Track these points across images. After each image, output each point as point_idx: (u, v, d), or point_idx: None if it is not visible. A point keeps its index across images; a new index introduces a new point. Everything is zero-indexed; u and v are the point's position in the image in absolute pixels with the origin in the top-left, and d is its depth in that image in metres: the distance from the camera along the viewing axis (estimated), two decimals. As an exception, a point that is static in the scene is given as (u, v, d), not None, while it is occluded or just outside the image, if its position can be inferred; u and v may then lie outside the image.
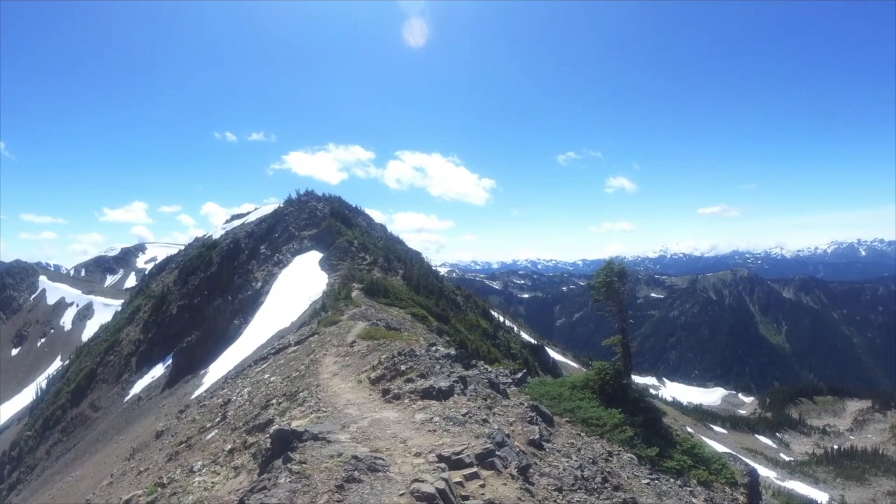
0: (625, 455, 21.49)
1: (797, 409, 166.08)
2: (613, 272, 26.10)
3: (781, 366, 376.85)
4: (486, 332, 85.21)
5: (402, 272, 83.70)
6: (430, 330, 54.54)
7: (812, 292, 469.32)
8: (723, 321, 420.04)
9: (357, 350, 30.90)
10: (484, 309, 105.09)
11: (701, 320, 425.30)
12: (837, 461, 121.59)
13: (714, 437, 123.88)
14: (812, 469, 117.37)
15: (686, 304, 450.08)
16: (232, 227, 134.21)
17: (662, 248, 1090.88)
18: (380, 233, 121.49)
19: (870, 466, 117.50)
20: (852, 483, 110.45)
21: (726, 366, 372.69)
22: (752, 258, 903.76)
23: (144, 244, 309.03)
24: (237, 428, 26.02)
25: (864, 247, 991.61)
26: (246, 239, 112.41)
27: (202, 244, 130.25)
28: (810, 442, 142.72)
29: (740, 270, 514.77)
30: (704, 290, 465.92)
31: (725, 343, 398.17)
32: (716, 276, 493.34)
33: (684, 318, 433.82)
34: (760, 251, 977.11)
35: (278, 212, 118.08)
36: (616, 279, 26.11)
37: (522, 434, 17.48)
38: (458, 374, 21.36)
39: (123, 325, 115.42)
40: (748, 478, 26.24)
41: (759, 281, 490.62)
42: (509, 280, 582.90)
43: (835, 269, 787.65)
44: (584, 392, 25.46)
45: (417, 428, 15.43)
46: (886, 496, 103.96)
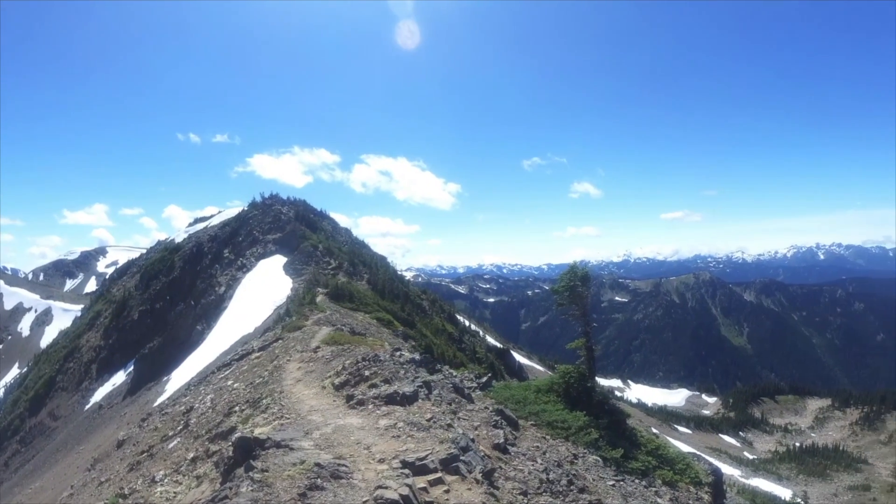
0: (590, 457, 21.55)
1: (759, 408, 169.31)
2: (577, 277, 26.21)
3: (744, 367, 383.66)
4: (452, 336, 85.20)
5: (368, 277, 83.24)
6: (395, 335, 54.36)
7: (773, 295, 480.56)
8: (686, 324, 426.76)
9: (321, 356, 30.61)
10: (450, 313, 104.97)
11: (664, 323, 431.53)
12: (800, 458, 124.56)
13: (679, 437, 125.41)
14: (775, 466, 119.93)
15: (650, 308, 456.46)
16: (195, 230, 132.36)
17: (626, 253, 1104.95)
18: (345, 237, 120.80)
19: (831, 462, 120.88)
20: (815, 479, 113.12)
21: (690, 367, 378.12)
22: (714, 262, 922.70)
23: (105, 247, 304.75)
24: (200, 436, 25.67)
25: (822, 251, 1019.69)
26: (209, 243, 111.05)
27: (164, 248, 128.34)
28: (773, 440, 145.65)
29: (703, 274, 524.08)
30: (668, 294, 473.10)
31: (689, 345, 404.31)
32: (679, 280, 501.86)
33: (648, 321, 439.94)
34: (722, 255, 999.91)
35: (242, 215, 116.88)
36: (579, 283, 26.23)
37: (487, 438, 17.43)
38: (423, 378, 21.22)
39: (83, 330, 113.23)
40: (712, 477, 26.52)
41: (720, 284, 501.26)
42: (475, 284, 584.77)
43: (794, 272, 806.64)
44: (548, 395, 25.52)
45: (381, 434, 15.29)
46: (848, 491, 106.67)
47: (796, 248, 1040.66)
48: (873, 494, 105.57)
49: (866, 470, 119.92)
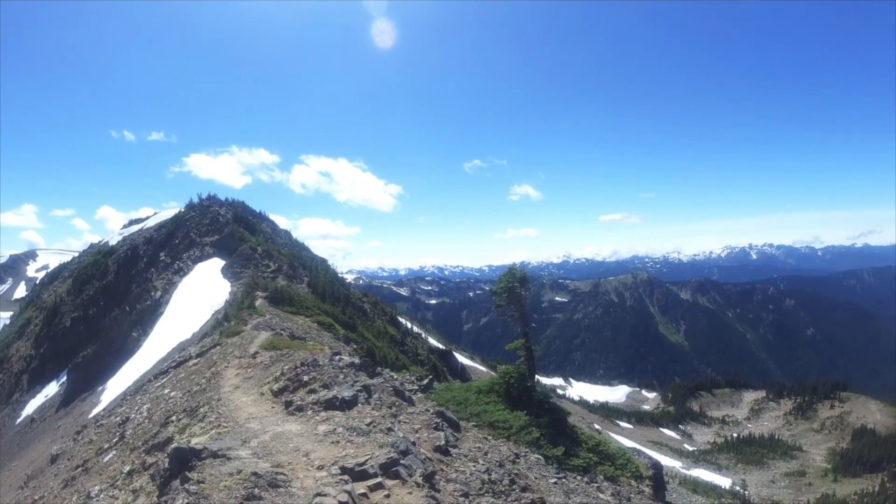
0: (532, 456, 21.70)
1: (698, 402, 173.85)
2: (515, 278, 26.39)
3: (681, 362, 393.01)
4: (394, 338, 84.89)
5: (308, 280, 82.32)
6: (336, 338, 53.94)
7: (708, 293, 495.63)
8: (625, 322, 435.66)
9: (260, 361, 30.15)
10: (391, 316, 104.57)
11: (604, 322, 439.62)
12: (737, 448, 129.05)
13: (621, 432, 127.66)
14: (714, 457, 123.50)
15: (589, 307, 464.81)
16: (130, 232, 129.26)
17: (566, 254, 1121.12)
18: (284, 239, 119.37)
19: (767, 451, 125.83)
20: (752, 467, 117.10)
21: (629, 364, 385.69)
22: (651, 262, 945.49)
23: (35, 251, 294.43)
24: (136, 448, 25.07)
25: (755, 251, 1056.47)
26: (145, 245, 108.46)
27: (98, 251, 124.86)
28: (711, 432, 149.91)
29: (640, 274, 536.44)
30: (607, 293, 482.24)
31: (628, 343, 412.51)
32: (617, 280, 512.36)
33: (588, 320, 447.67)
34: (659, 256, 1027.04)
35: (179, 217, 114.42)
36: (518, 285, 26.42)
37: (428, 441, 17.36)
38: (363, 382, 21.03)
39: (13, 339, 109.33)
40: (652, 470, 27.04)
41: (658, 284, 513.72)
42: (417, 286, 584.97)
43: (728, 271, 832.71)
44: (489, 396, 25.64)
45: (320, 440, 15.09)
46: (784, 477, 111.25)
47: (730, 248, 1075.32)
48: (808, 479, 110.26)
49: (801, 457, 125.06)
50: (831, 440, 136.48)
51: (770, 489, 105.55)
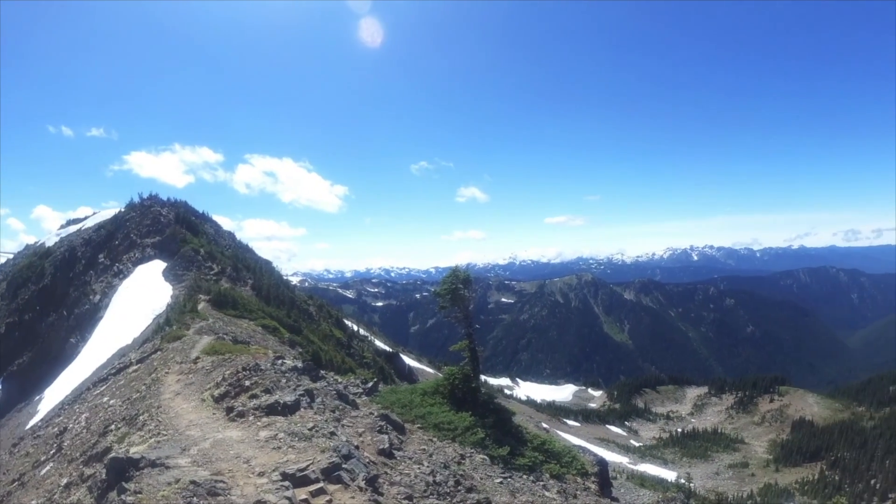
0: (477, 456, 21.73)
1: (642, 398, 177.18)
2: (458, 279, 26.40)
3: (626, 361, 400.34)
4: (341, 341, 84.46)
5: (252, 282, 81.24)
6: (282, 342, 53.39)
7: (651, 293, 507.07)
8: (570, 322, 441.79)
9: (201, 366, 29.60)
10: (337, 318, 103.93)
11: (550, 322, 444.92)
12: (682, 442, 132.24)
13: (568, 430, 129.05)
14: (660, 451, 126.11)
15: (535, 308, 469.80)
16: (67, 233, 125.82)
17: (512, 256, 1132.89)
18: (228, 241, 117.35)
19: (711, 444, 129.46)
20: (697, 460, 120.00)
21: (575, 363, 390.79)
22: (595, 264, 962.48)
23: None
24: (74, 459, 24.44)
25: (696, 252, 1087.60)
26: (83, 247, 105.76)
27: (33, 252, 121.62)
28: (657, 427, 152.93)
29: (585, 275, 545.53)
30: (552, 294, 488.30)
31: (573, 342, 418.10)
32: (562, 281, 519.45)
33: (534, 320, 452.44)
34: (603, 257, 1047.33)
35: (119, 217, 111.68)
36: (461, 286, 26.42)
37: (372, 444, 17.26)
38: (305, 387, 20.79)
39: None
40: (598, 467, 27.32)
41: (602, 284, 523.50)
42: (363, 288, 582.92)
43: (670, 272, 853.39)
44: (434, 397, 25.59)
45: (262, 446, 14.88)
46: (728, 469, 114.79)
47: (672, 249, 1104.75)
48: (751, 470, 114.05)
49: (743, 449, 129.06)
50: (772, 432, 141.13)
51: (715, 481, 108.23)
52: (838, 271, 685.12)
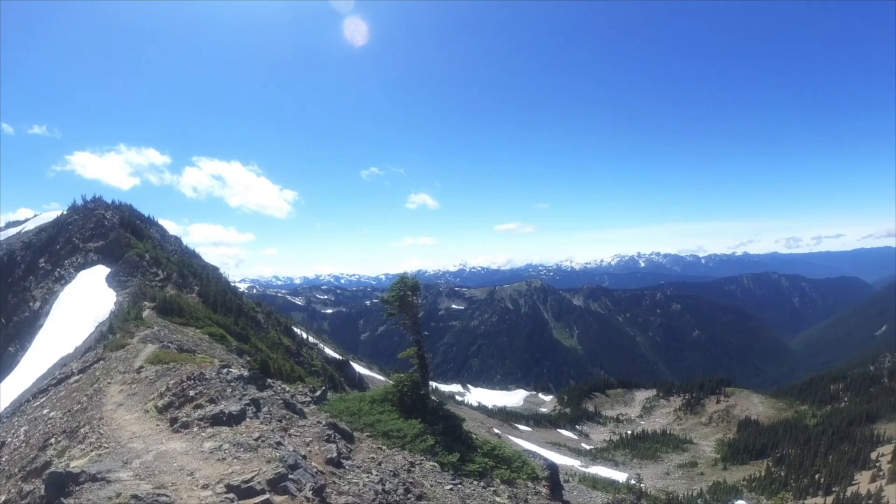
0: (427, 464, 21.67)
1: (592, 402, 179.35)
2: (407, 286, 26.34)
3: (576, 366, 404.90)
4: (290, 349, 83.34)
5: (199, 289, 79.73)
6: (229, 350, 52.59)
7: (599, 299, 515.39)
8: (520, 328, 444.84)
9: (145, 376, 28.95)
10: (286, 326, 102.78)
11: (500, 328, 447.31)
12: (632, 444, 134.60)
13: (520, 435, 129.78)
14: (611, 454, 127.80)
15: (486, 314, 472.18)
16: (6, 236, 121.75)
17: (462, 262, 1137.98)
18: (174, 246, 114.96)
19: (660, 445, 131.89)
20: (647, 461, 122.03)
21: (526, 369, 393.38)
22: (545, 270, 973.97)
23: None
24: (13, 475, 23.59)
25: (643, 259, 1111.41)
26: (22, 251, 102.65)
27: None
28: (607, 430, 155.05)
29: (534, 282, 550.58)
30: (502, 301, 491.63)
31: (524, 348, 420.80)
32: (512, 288, 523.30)
33: (484, 327, 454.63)
34: (552, 264, 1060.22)
35: (61, 220, 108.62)
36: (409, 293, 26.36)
37: (320, 454, 17.06)
38: (251, 396, 20.46)
39: None
40: (548, 471, 27.45)
41: (551, 291, 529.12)
42: (312, 295, 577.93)
43: (618, 278, 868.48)
44: (383, 405, 25.47)
45: (206, 457, 14.58)
46: (678, 468, 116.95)
47: (620, 256, 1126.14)
48: (700, 469, 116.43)
49: (692, 449, 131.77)
50: (719, 432, 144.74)
51: (665, 481, 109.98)
52: (780, 277, 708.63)
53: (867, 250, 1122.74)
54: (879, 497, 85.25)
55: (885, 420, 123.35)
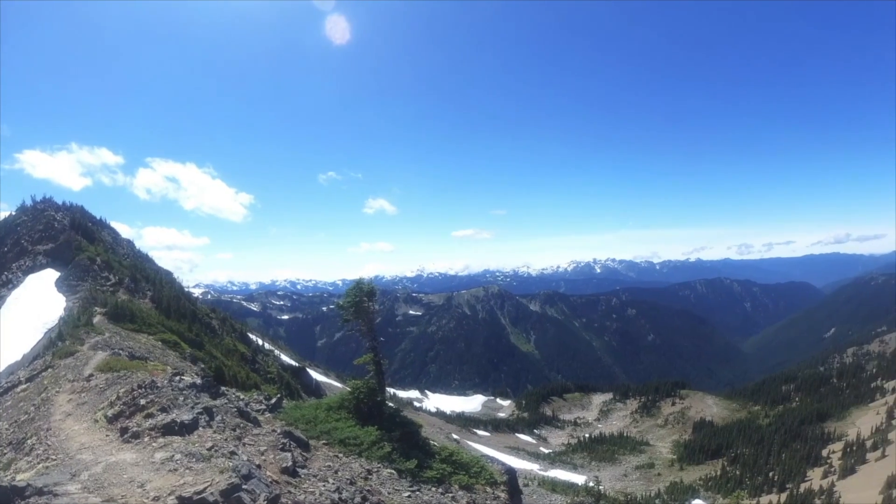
0: (384, 471, 21.51)
1: (550, 406, 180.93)
2: (362, 292, 26.16)
3: (533, 370, 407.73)
4: (245, 356, 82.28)
5: (152, 294, 78.19)
6: (183, 357, 51.72)
7: (556, 305, 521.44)
8: (478, 334, 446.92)
9: (95, 385, 28.23)
10: (241, 332, 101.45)
11: (457, 334, 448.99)
12: (590, 447, 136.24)
13: (479, 440, 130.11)
14: (569, 457, 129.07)
15: (443, 320, 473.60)
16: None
17: (420, 268, 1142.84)
18: (127, 249, 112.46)
19: (618, 447, 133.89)
20: (605, 463, 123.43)
21: (483, 374, 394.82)
22: (502, 276, 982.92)
23: None
24: (-45, 490, 22.77)
25: (599, 265, 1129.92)
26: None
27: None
28: (565, 434, 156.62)
29: (492, 287, 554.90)
30: (460, 306, 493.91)
31: (481, 353, 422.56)
32: (470, 293, 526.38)
33: (442, 332, 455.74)
34: (509, 270, 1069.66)
35: (8, 221, 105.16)
36: (365, 299, 26.19)
37: (275, 463, 16.79)
38: (204, 404, 20.05)
39: None
40: (507, 475, 27.43)
41: (508, 296, 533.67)
42: (268, 301, 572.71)
43: (574, 284, 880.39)
44: (339, 412, 25.23)
45: (157, 468, 14.21)
46: (635, 470, 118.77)
47: (576, 263, 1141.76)
48: (657, 470, 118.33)
49: (649, 450, 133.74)
50: (675, 433, 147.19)
51: (623, 482, 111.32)
52: (732, 282, 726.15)
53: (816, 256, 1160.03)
54: (831, 492, 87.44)
55: (835, 419, 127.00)
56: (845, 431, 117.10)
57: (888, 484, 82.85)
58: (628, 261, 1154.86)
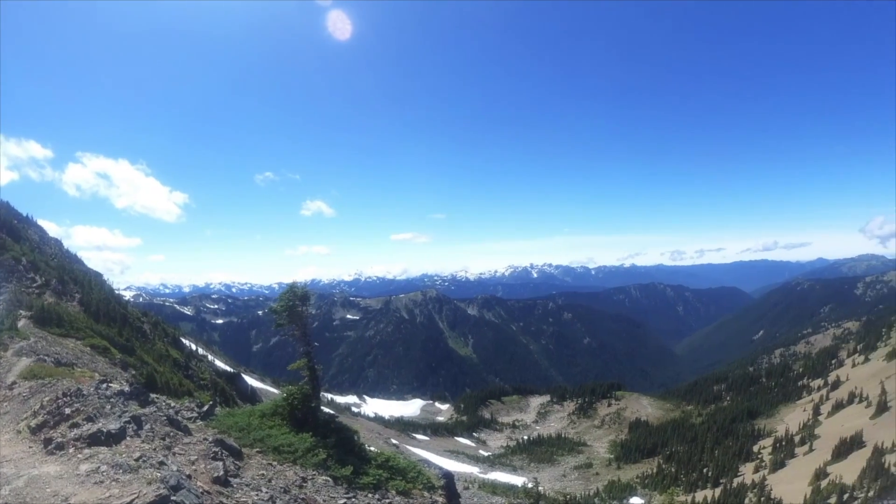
0: (319, 478, 21.29)
1: (489, 409, 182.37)
2: (296, 296, 25.83)
3: (471, 374, 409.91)
4: (178, 362, 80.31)
5: (80, 297, 75.61)
6: (113, 364, 50.28)
7: (493, 309, 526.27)
8: (416, 338, 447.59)
9: (18, 393, 27.12)
10: (174, 337, 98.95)
11: (396, 338, 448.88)
12: (529, 449, 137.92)
13: (418, 444, 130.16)
14: (509, 459, 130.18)
15: (381, 324, 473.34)
16: None
17: (357, 272, 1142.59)
18: (54, 249, 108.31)
19: (556, 449, 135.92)
20: (544, 464, 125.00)
21: (422, 378, 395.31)
22: (440, 280, 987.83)
23: None
24: None
25: (535, 270, 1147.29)
26: None
27: None
28: (504, 436, 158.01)
29: (430, 291, 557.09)
30: (398, 311, 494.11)
31: (419, 358, 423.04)
32: (408, 297, 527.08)
33: (380, 336, 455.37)
34: (448, 274, 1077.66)
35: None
36: (299, 303, 25.88)
37: (206, 472, 16.41)
38: (132, 413, 19.45)
39: None
40: (444, 479, 27.42)
41: (446, 300, 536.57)
42: (202, 305, 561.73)
43: (511, 288, 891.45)
44: (273, 419, 24.86)
45: (82, 481, 13.70)
46: (574, 470, 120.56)
47: (513, 267, 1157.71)
48: (595, 469, 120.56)
49: (586, 451, 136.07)
50: (611, 433, 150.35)
51: (562, 482, 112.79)
52: (665, 287, 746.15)
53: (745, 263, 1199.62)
54: (763, 486, 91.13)
55: (764, 416, 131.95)
56: (774, 428, 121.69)
57: (816, 476, 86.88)
58: (565, 266, 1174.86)
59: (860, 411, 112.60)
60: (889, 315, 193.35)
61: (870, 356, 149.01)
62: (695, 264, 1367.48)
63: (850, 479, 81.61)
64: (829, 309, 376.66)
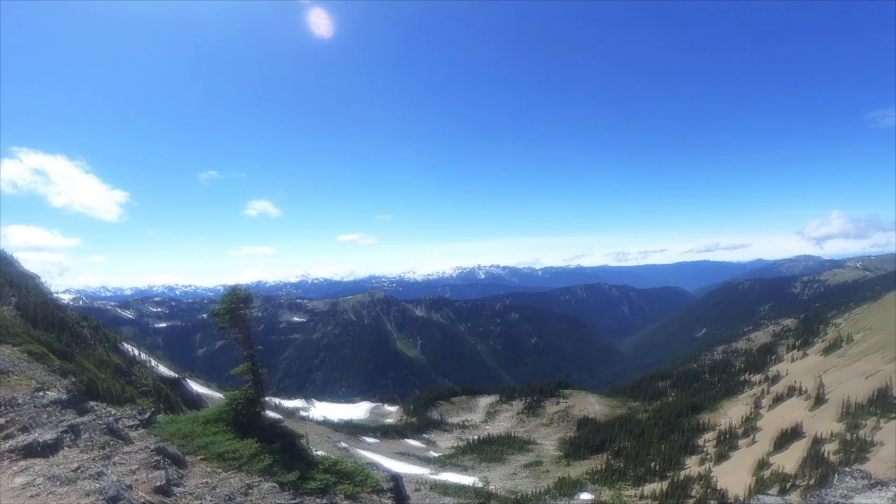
0: (265, 485, 20.95)
1: (438, 410, 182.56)
2: (238, 299, 25.42)
3: (419, 375, 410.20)
4: (120, 368, 78.61)
5: (16, 300, 73.61)
6: (51, 370, 48.85)
7: (441, 310, 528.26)
8: (363, 340, 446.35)
9: (-51, 404, 26.25)
10: (115, 342, 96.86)
11: (343, 340, 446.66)
12: (478, 449, 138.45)
13: (367, 447, 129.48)
14: (459, 459, 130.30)
15: (328, 326, 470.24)
16: None
17: (304, 274, 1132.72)
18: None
19: (505, 448, 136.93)
20: (494, 464, 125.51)
21: (370, 380, 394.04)
22: (387, 281, 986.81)
23: None
24: None
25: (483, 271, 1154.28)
26: None
27: None
28: (453, 437, 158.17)
29: (377, 293, 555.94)
30: (345, 312, 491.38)
31: (367, 360, 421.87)
32: (355, 299, 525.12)
33: (327, 339, 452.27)
34: (395, 275, 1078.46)
35: None
36: (241, 305, 25.49)
37: (147, 482, 15.97)
38: (69, 422, 18.87)
39: None
40: (392, 482, 27.28)
41: (394, 302, 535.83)
42: (144, 308, 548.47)
43: (459, 289, 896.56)
44: (217, 425, 24.39)
45: (17, 494, 13.22)
46: (524, 468, 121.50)
47: (461, 268, 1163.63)
48: (545, 467, 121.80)
49: (536, 449, 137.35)
50: (560, 431, 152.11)
51: (512, 481, 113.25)
52: (610, 287, 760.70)
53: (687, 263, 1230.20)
54: (708, 477, 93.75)
55: (708, 410, 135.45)
56: (718, 422, 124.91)
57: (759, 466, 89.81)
58: (511, 267, 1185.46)
59: (799, 404, 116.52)
60: (825, 312, 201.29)
61: (807, 351, 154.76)
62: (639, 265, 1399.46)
63: (791, 469, 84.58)
64: (769, 307, 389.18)
